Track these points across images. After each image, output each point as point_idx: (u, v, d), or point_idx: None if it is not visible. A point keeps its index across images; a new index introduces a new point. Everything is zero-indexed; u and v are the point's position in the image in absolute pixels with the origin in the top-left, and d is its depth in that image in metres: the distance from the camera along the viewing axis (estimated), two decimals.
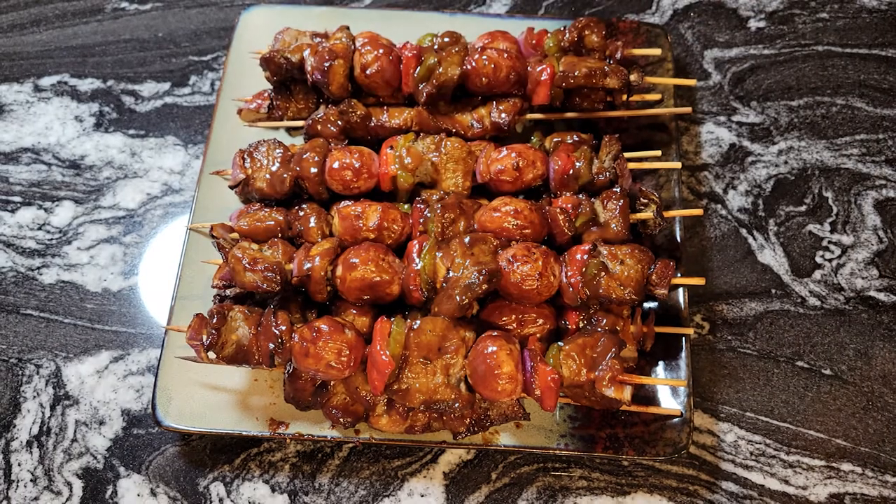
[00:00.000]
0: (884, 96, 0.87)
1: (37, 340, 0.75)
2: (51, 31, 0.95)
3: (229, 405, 0.68)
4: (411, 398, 0.59)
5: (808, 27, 0.93)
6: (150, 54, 0.93)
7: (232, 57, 0.84)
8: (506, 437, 0.66)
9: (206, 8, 0.97)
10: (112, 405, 0.71)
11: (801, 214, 0.80)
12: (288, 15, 0.87)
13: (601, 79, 0.73)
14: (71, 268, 0.79)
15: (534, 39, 0.78)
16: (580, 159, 0.71)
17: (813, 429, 0.69)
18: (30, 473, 0.68)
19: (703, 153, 0.84)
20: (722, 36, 0.93)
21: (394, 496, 0.66)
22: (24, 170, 0.85)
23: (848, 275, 0.77)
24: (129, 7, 0.97)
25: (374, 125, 0.76)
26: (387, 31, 0.79)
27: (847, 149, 0.84)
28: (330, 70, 0.74)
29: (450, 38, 0.76)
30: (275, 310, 0.63)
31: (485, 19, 0.88)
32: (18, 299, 0.77)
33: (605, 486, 0.67)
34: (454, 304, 0.60)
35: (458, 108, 0.76)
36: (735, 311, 0.75)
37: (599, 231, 0.68)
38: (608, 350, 0.60)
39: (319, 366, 0.60)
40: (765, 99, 0.88)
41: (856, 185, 0.82)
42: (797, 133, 0.86)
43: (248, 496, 0.67)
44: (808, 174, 0.83)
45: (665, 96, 0.80)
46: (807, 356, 0.73)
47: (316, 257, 0.65)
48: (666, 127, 0.79)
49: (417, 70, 0.74)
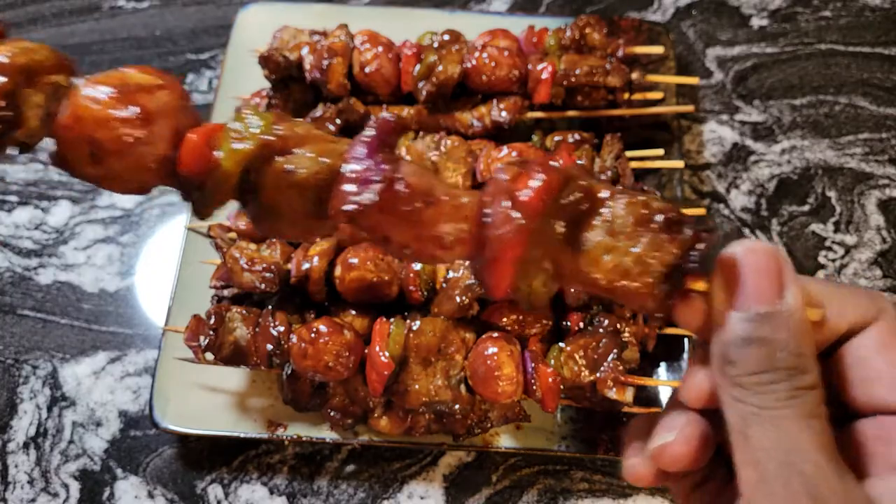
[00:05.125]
0: (887, 95, 0.87)
1: (33, 341, 0.74)
2: (48, 29, 0.95)
3: (227, 407, 0.67)
4: (411, 400, 0.59)
5: (810, 25, 0.93)
6: (147, 52, 0.93)
7: (230, 55, 0.84)
8: (506, 440, 0.65)
9: (204, 6, 0.96)
10: (109, 406, 0.71)
11: (804, 214, 0.80)
12: (286, 12, 0.86)
13: (603, 77, 0.72)
14: (68, 268, 0.78)
15: (535, 37, 0.77)
16: (582, 158, 0.71)
17: None
18: (27, 475, 0.67)
19: (706, 152, 0.84)
20: (724, 34, 0.92)
21: (393, 498, 0.66)
22: (21, 169, 0.84)
23: (851, 275, 0.76)
24: (127, 5, 0.97)
25: None
26: (386, 29, 0.78)
27: (850, 148, 0.84)
28: (329, 68, 0.73)
29: (450, 36, 0.75)
30: (273, 310, 0.63)
31: (485, 17, 0.87)
32: (15, 300, 0.76)
33: (607, 488, 0.66)
34: (454, 304, 0.60)
35: (458, 106, 0.76)
36: None
37: None
38: (610, 351, 0.59)
39: (318, 367, 0.59)
40: (767, 98, 0.87)
41: (859, 185, 0.81)
42: (800, 132, 0.85)
43: (245, 498, 0.66)
44: (812, 173, 0.82)
45: (667, 95, 0.79)
46: None
47: (314, 257, 0.64)
48: (668, 126, 0.78)
49: (417, 68, 0.73)
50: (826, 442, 0.27)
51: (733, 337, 0.28)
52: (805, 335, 0.28)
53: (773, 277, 0.28)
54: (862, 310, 0.31)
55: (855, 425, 0.31)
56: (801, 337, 0.28)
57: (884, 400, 0.30)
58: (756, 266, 0.28)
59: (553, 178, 0.30)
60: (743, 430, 0.28)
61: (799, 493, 0.26)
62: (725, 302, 0.29)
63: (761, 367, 0.27)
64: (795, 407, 0.27)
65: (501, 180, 0.31)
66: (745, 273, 0.28)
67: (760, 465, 0.27)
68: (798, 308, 0.28)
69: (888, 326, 0.31)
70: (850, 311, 0.31)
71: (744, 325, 0.28)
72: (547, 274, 0.31)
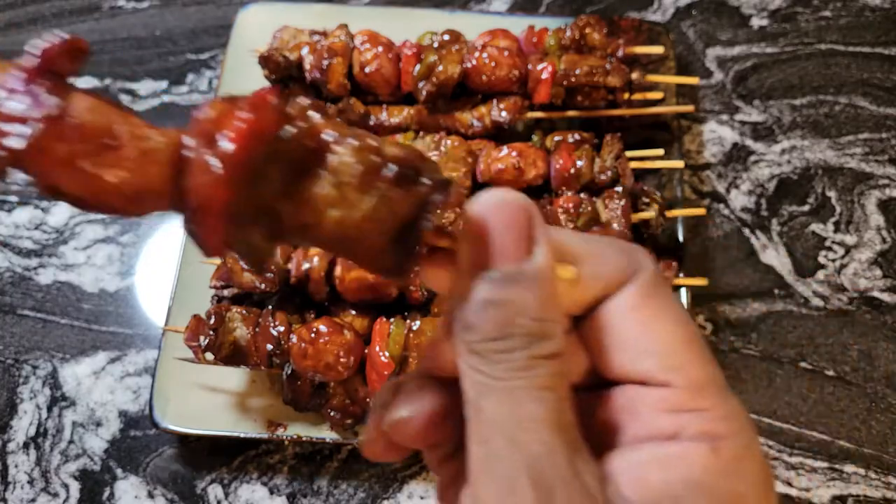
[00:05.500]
0: (887, 95, 0.87)
1: (33, 341, 0.74)
2: (48, 29, 0.94)
3: (227, 407, 0.67)
4: None
5: (810, 25, 0.93)
6: (147, 53, 0.93)
7: (230, 55, 0.84)
8: None
9: (204, 6, 0.96)
10: (109, 406, 0.71)
11: (804, 214, 0.80)
12: (286, 12, 0.86)
13: (603, 77, 0.72)
14: (68, 268, 0.78)
15: (535, 37, 0.77)
16: (581, 158, 0.71)
17: (816, 430, 0.69)
18: (27, 475, 0.67)
19: (706, 152, 0.84)
20: (724, 34, 0.92)
21: (393, 498, 0.66)
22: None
23: (851, 275, 0.76)
24: (127, 5, 0.97)
25: (374, 124, 0.75)
26: (386, 29, 0.78)
27: (850, 148, 0.84)
28: (328, 68, 0.73)
29: (450, 36, 0.75)
30: (273, 310, 0.63)
31: (485, 17, 0.87)
32: (15, 300, 0.76)
33: None
34: None
35: (458, 106, 0.76)
36: (738, 312, 0.74)
37: (601, 231, 0.67)
38: None
39: (318, 367, 0.59)
40: (767, 97, 0.87)
41: (859, 185, 0.81)
42: (800, 132, 0.85)
43: (246, 498, 0.66)
44: (812, 173, 0.82)
45: (667, 95, 0.79)
46: (810, 357, 0.72)
47: (314, 257, 0.64)
48: (668, 126, 0.79)
49: (417, 68, 0.73)
50: (560, 418, 0.24)
51: (474, 300, 0.25)
52: (550, 298, 0.25)
53: (521, 233, 0.25)
54: (618, 268, 0.27)
55: (607, 395, 0.28)
56: (545, 300, 0.25)
57: (631, 368, 0.27)
58: (502, 221, 0.25)
59: (264, 119, 0.25)
60: (476, 401, 0.25)
61: (520, 474, 0.23)
62: (469, 261, 0.25)
63: (499, 332, 0.24)
64: (530, 378, 0.24)
65: (203, 119, 0.26)
66: (490, 229, 0.25)
67: (489, 442, 0.24)
68: (545, 267, 0.25)
69: (641, 287, 0.27)
70: (606, 270, 0.27)
71: (485, 287, 0.25)
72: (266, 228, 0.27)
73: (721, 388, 0.27)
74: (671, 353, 0.27)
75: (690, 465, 0.25)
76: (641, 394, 0.27)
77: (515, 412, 0.24)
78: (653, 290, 0.27)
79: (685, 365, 0.27)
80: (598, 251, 0.28)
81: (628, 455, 0.26)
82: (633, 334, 0.27)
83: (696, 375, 0.27)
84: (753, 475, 0.26)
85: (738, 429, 0.26)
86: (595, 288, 0.27)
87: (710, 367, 0.27)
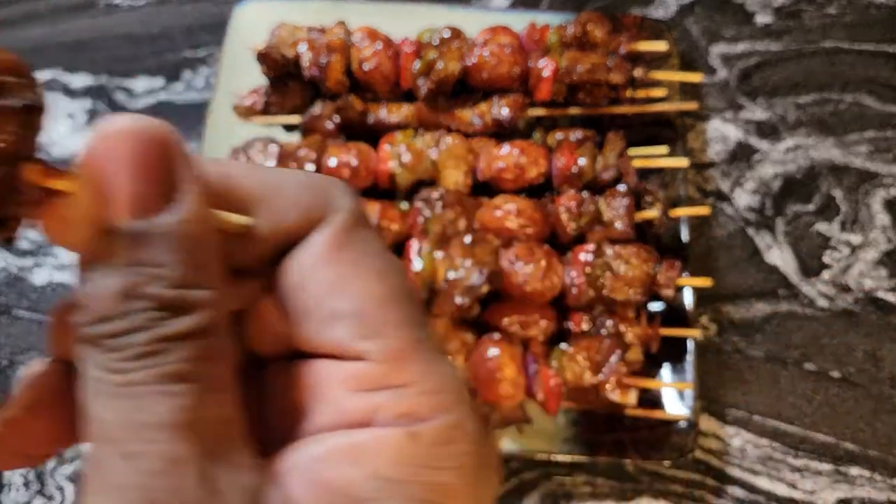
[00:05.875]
0: (892, 93, 0.86)
1: (28, 342, 0.74)
2: (43, 26, 0.94)
3: None
4: None
5: (815, 23, 0.92)
6: (143, 50, 0.92)
7: (227, 52, 0.83)
8: (507, 443, 0.64)
9: (200, 3, 0.96)
10: None
11: (809, 213, 0.79)
12: (283, 9, 0.85)
13: (605, 74, 0.72)
14: (63, 268, 0.78)
15: (536, 34, 0.76)
16: (584, 156, 0.70)
17: (821, 432, 0.68)
18: (22, 478, 0.67)
19: (710, 150, 0.83)
20: (728, 31, 0.91)
21: None
22: None
23: (857, 275, 0.75)
24: (123, 3, 0.96)
25: (373, 121, 0.74)
26: (385, 25, 0.77)
27: (856, 146, 0.83)
28: (327, 65, 0.72)
29: (450, 33, 0.75)
30: None
31: (486, 13, 0.86)
32: (10, 300, 0.76)
33: (609, 491, 0.65)
34: (454, 305, 0.59)
35: (458, 103, 0.75)
36: (742, 312, 0.74)
37: (603, 230, 0.66)
38: (612, 353, 0.59)
39: None
40: (772, 95, 0.86)
41: (864, 184, 0.80)
42: (805, 130, 0.84)
43: None
44: (816, 172, 0.81)
45: (670, 92, 0.79)
46: (815, 358, 0.72)
47: None
48: (671, 123, 0.78)
49: (417, 65, 0.72)
50: (194, 417, 0.18)
51: (89, 266, 0.19)
52: (198, 258, 0.19)
53: (155, 175, 0.19)
54: (307, 208, 0.21)
55: (296, 371, 0.22)
56: (189, 261, 0.19)
57: (319, 337, 0.21)
58: (132, 159, 0.18)
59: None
60: (86, 406, 0.18)
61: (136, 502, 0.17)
62: (90, 211, 0.19)
63: (114, 310, 0.18)
64: (155, 367, 0.18)
65: None
66: (116, 169, 0.18)
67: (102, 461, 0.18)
68: (193, 219, 0.19)
69: (333, 234, 0.21)
70: (290, 213, 0.21)
71: (103, 247, 0.18)
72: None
73: (426, 358, 0.21)
74: (366, 316, 0.21)
75: (381, 456, 0.20)
76: (332, 370, 0.21)
77: (133, 417, 0.18)
78: (348, 237, 0.22)
79: (382, 330, 0.21)
80: (282, 188, 0.22)
81: (308, 449, 0.21)
82: (321, 294, 0.21)
83: (396, 343, 0.21)
84: (460, 460, 0.21)
85: (446, 405, 0.21)
86: (276, 237, 0.22)
87: (414, 331, 0.21)
